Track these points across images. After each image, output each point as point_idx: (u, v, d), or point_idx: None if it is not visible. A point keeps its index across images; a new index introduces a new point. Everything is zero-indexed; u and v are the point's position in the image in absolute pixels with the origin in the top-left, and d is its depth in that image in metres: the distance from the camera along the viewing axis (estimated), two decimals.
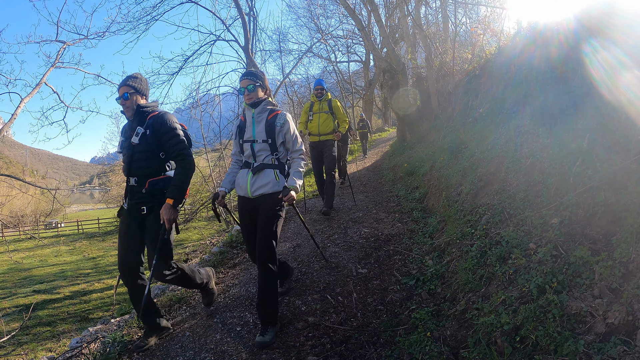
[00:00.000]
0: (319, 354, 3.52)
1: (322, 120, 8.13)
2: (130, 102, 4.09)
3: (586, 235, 3.31)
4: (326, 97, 8.23)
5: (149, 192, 4.03)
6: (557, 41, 5.71)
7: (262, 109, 4.10)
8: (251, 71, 4.15)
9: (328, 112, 8.12)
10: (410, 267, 5.11)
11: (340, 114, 8.13)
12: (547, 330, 2.53)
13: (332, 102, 8.18)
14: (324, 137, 8.17)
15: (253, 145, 4.08)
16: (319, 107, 8.19)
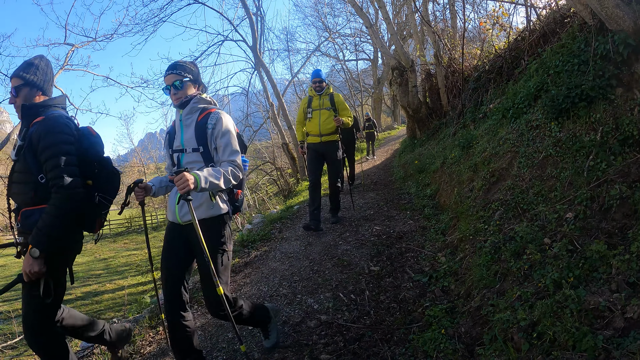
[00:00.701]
0: (332, 352, 3.51)
1: (324, 118, 7.08)
2: (19, 99, 3.12)
3: (602, 229, 3.27)
4: (327, 91, 7.27)
5: (22, 227, 3.02)
6: (569, 34, 5.66)
7: (191, 109, 3.27)
8: (177, 63, 3.34)
9: (330, 109, 7.08)
10: (423, 264, 5.08)
11: (345, 110, 7.22)
12: (564, 326, 2.49)
13: (334, 97, 7.20)
14: (327, 137, 7.08)
15: (182, 157, 3.27)
16: (319, 102, 7.19)
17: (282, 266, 5.79)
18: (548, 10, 7.72)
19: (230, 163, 3.10)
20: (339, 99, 7.27)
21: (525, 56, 7.26)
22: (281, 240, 7.35)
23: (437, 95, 13.00)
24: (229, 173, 3.01)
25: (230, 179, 3.03)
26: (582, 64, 4.85)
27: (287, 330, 4.00)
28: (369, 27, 15.06)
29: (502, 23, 9.81)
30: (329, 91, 7.36)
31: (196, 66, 3.46)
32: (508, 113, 6.10)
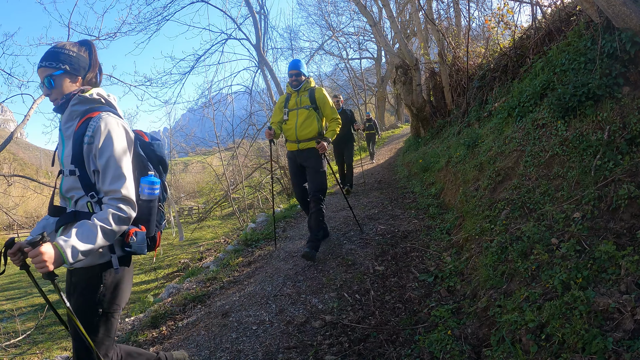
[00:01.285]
0: (337, 353, 3.48)
1: (302, 120, 5.88)
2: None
3: (610, 229, 3.24)
4: (307, 86, 5.96)
5: None
6: (575, 32, 5.63)
7: (70, 114, 2.46)
8: (49, 50, 2.48)
9: (310, 107, 5.87)
10: (428, 263, 5.05)
11: (329, 109, 5.94)
12: (574, 328, 2.46)
13: (315, 93, 5.91)
14: (305, 144, 5.92)
15: (62, 181, 2.48)
16: (297, 100, 5.95)
17: (286, 265, 5.77)
18: (553, 8, 7.68)
19: (113, 200, 2.29)
20: (320, 95, 5.91)
21: (531, 54, 7.22)
22: (285, 239, 7.33)
23: (441, 93, 12.98)
24: (109, 222, 2.24)
25: (115, 230, 2.28)
26: (589, 63, 4.82)
27: (291, 330, 3.98)
28: (372, 26, 15.03)
29: (507, 21, 9.76)
30: (309, 85, 6.00)
31: (81, 47, 2.59)
32: (514, 112, 6.06)
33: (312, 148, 5.88)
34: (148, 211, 2.57)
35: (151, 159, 2.70)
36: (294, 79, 5.97)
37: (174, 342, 4.18)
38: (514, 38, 8.54)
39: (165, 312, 5.00)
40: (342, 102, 11.14)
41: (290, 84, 6.04)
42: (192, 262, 19.54)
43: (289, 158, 6.25)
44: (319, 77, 40.72)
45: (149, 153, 2.69)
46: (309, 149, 5.92)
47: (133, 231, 2.46)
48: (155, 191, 2.58)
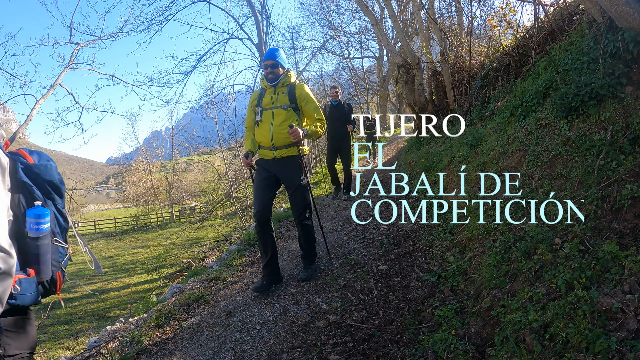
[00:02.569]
0: (341, 353, 3.49)
1: (279, 122, 4.81)
2: None
3: (613, 229, 3.25)
4: (285, 80, 4.98)
5: None
6: (577, 31, 5.63)
7: None
8: None
9: (289, 107, 4.86)
10: (431, 263, 5.06)
11: (312, 108, 4.97)
12: (577, 328, 2.47)
13: (296, 90, 4.95)
14: (283, 151, 4.87)
15: None
16: (273, 98, 4.91)
17: (290, 265, 5.78)
18: (556, 8, 7.67)
19: None
20: (302, 92, 4.96)
21: (533, 54, 7.21)
22: (288, 238, 7.34)
23: (443, 93, 12.96)
24: None
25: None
26: (592, 62, 4.82)
27: (295, 330, 3.99)
28: (374, 25, 15.03)
29: (509, 20, 9.75)
30: (289, 80, 5.02)
31: None
32: (516, 111, 6.06)
33: (293, 157, 4.90)
34: (37, 250, 2.17)
35: (39, 185, 2.28)
36: (269, 71, 4.92)
37: (177, 342, 4.19)
38: (517, 37, 8.54)
39: (169, 312, 5.01)
40: (340, 94, 10.06)
41: (265, 77, 4.98)
42: (194, 262, 19.59)
43: (259, 166, 5.07)
44: (320, 76, 40.71)
45: (35, 178, 2.26)
46: (288, 157, 4.89)
47: (17, 278, 2.05)
48: (43, 226, 2.19)
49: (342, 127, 9.62)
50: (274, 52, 5.02)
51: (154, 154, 55.28)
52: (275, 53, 5.00)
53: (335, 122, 9.53)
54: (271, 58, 4.95)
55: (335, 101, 9.77)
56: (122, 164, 63.36)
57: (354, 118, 10.03)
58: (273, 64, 4.94)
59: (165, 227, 43.27)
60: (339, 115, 9.55)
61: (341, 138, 9.70)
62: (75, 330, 14.45)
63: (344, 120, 9.64)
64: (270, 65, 4.94)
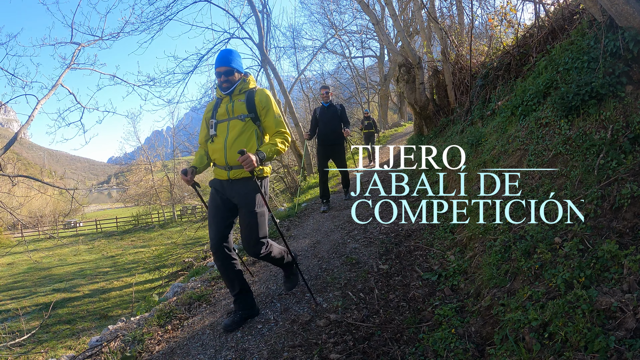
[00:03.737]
0: (342, 352, 3.50)
1: (234, 136, 4.06)
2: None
3: (613, 228, 3.25)
4: (243, 87, 4.21)
5: None
6: (578, 30, 5.63)
7: None
8: None
9: (246, 118, 4.09)
10: (432, 262, 5.07)
11: (272, 119, 4.15)
12: (576, 326, 2.48)
13: (255, 96, 4.16)
14: (239, 172, 4.06)
15: None
16: (228, 107, 4.15)
17: None
18: (556, 7, 7.67)
19: None
20: (262, 99, 4.15)
21: (534, 53, 7.21)
22: (289, 238, 7.35)
23: (444, 92, 12.96)
24: None
25: None
26: (592, 61, 4.83)
27: (296, 329, 4.00)
28: (375, 24, 15.02)
29: (510, 19, 9.75)
30: (247, 86, 4.24)
31: None
32: (517, 110, 6.07)
33: (248, 179, 4.06)
34: None
35: None
36: (223, 80, 4.13)
37: (179, 341, 4.20)
38: (517, 36, 8.53)
39: (171, 311, 5.03)
40: (331, 94, 9.18)
41: (219, 86, 4.22)
42: (196, 261, 19.62)
43: (212, 188, 4.29)
44: (322, 76, 40.68)
45: None
46: (244, 179, 4.09)
47: None
48: None
49: (334, 131, 8.71)
50: (227, 56, 4.15)
51: (156, 153, 55.26)
52: (228, 57, 4.16)
53: (326, 125, 8.75)
54: (224, 64, 4.13)
55: (325, 102, 8.92)
56: (123, 164, 63.37)
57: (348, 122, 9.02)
58: (227, 71, 4.13)
59: (166, 227, 43.31)
60: (330, 118, 8.74)
61: (333, 143, 8.80)
62: (77, 329, 14.48)
63: (336, 123, 8.75)
64: (224, 73, 4.13)
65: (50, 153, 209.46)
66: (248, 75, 4.37)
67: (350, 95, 42.76)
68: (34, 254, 28.57)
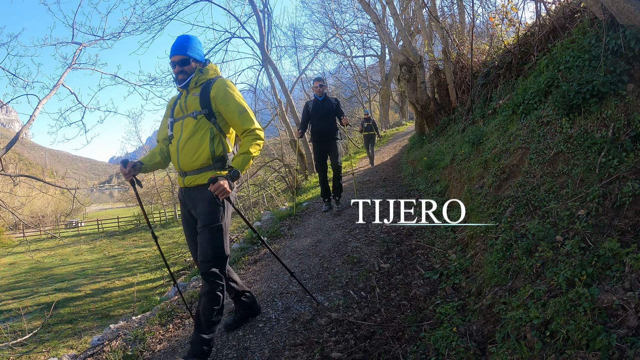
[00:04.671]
0: (343, 350, 3.50)
1: (186, 136, 3.54)
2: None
3: (614, 226, 3.25)
4: (200, 78, 3.64)
5: None
6: (579, 29, 5.63)
7: None
8: None
9: (200, 115, 3.52)
10: (433, 261, 5.07)
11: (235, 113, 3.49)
12: (578, 324, 2.48)
13: (212, 88, 3.55)
14: (193, 178, 3.56)
15: None
16: (182, 104, 3.62)
17: (292, 263, 5.79)
18: (557, 5, 7.67)
19: None
20: (220, 91, 3.53)
21: (535, 51, 7.22)
22: (291, 237, 7.35)
23: (445, 91, 12.97)
24: None
25: None
26: (593, 60, 4.83)
27: (297, 327, 4.00)
28: (376, 23, 15.03)
29: (511, 18, 9.75)
30: (205, 77, 3.66)
31: None
32: (518, 109, 6.07)
33: (204, 186, 3.44)
34: None
35: None
36: (178, 70, 3.58)
37: (180, 340, 4.21)
38: (518, 35, 8.53)
39: (172, 310, 5.03)
40: (325, 88, 8.51)
41: (175, 79, 3.69)
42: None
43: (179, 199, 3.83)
44: (323, 75, 40.63)
45: None
46: (199, 187, 3.53)
47: None
48: None
49: (330, 127, 8.11)
50: (182, 43, 3.59)
51: None
52: (184, 44, 3.59)
53: (321, 120, 8.12)
54: (178, 52, 3.56)
55: (319, 96, 8.22)
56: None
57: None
58: (182, 60, 3.57)
59: (168, 226, 43.34)
60: (326, 112, 8.10)
61: (329, 138, 8.13)
62: (78, 329, 14.48)
63: (332, 117, 8.15)
64: (179, 62, 3.57)
65: (52, 153, 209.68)
66: (207, 63, 3.77)
67: (351, 95, 42.74)
68: (35, 254, 28.57)
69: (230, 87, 3.57)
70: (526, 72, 7.16)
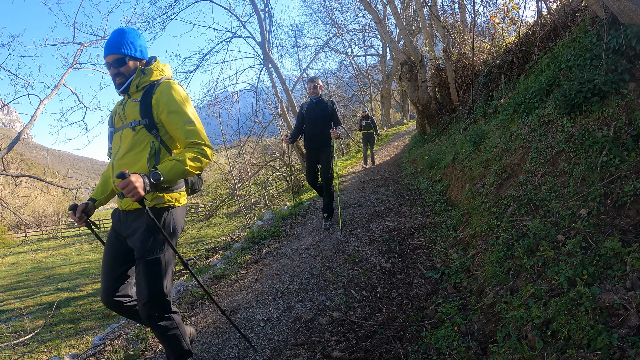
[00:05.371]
0: (345, 350, 3.50)
1: (122, 153, 2.93)
2: None
3: (616, 225, 3.24)
4: (141, 80, 3.01)
5: None
6: (580, 27, 5.62)
7: None
8: None
9: (139, 125, 2.90)
10: (435, 260, 5.07)
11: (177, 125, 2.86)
12: (579, 324, 2.47)
13: (155, 92, 2.93)
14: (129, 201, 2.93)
15: None
16: (121, 112, 3.02)
17: (293, 263, 5.79)
18: (559, 4, 7.66)
19: None
20: (162, 96, 2.90)
21: (536, 50, 7.21)
22: (292, 236, 7.35)
23: (446, 90, 12.96)
24: None
25: None
26: (594, 59, 4.82)
27: (298, 327, 4.00)
28: (377, 22, 15.01)
29: (512, 17, 9.74)
30: (147, 79, 3.02)
31: None
32: (519, 108, 6.06)
33: (141, 211, 2.88)
34: None
35: None
36: (113, 73, 3.00)
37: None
38: (519, 34, 8.52)
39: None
40: (321, 87, 7.46)
41: (113, 83, 3.07)
42: (199, 260, 19.63)
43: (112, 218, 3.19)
44: (324, 74, 40.63)
45: None
46: (137, 212, 2.93)
47: None
48: None
49: (322, 132, 7.19)
50: (116, 39, 2.96)
51: None
52: (118, 39, 2.96)
53: (314, 124, 7.28)
54: (112, 50, 2.95)
55: (314, 97, 7.41)
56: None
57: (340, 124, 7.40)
58: (117, 60, 2.96)
59: None
60: (320, 115, 7.26)
61: (321, 145, 7.28)
62: (80, 328, 14.48)
63: (326, 122, 7.24)
64: (113, 63, 2.97)
65: (53, 153, 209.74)
66: (153, 61, 3.14)
67: (352, 94, 42.71)
68: (37, 254, 28.60)
69: (176, 90, 2.93)
70: (527, 71, 7.15)
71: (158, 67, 3.09)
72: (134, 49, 3.00)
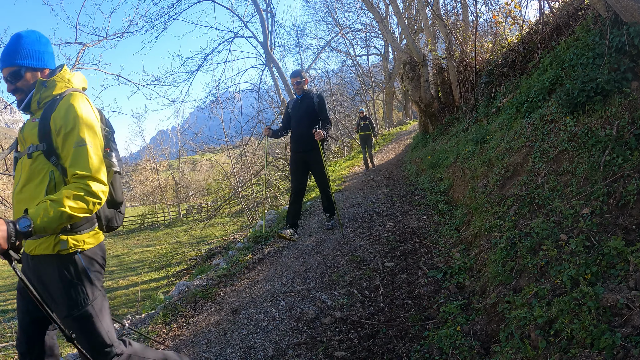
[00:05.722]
0: (347, 349, 3.50)
1: (21, 185, 2.36)
2: None
3: (619, 225, 3.24)
4: (42, 95, 2.43)
5: None
6: (582, 26, 5.61)
7: None
8: None
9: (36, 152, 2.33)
10: (437, 260, 5.06)
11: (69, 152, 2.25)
12: (582, 324, 2.47)
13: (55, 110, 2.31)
14: (34, 244, 2.33)
15: None
16: (20, 135, 2.50)
17: (296, 262, 5.79)
18: (561, 3, 7.64)
19: None
20: (60, 114, 2.30)
21: (539, 49, 7.19)
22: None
23: (449, 89, 12.95)
24: None
25: None
26: (597, 57, 4.81)
27: (301, 326, 4.00)
28: (379, 22, 15.02)
29: (515, 16, 9.73)
30: (49, 95, 2.44)
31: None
32: (522, 107, 6.05)
33: (48, 258, 2.34)
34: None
35: None
36: (10, 88, 2.47)
37: (184, 339, 4.21)
38: (522, 33, 8.51)
39: (176, 309, 5.03)
40: (306, 82, 6.77)
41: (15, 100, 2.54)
42: (201, 260, 19.65)
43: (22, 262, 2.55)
44: (326, 74, 40.62)
45: None
46: (43, 258, 2.36)
47: None
48: None
49: (308, 131, 6.38)
50: (9, 48, 2.43)
51: (161, 152, 55.43)
52: (13, 48, 2.43)
53: (300, 122, 6.58)
54: (6, 63, 2.42)
55: (299, 94, 6.71)
56: (129, 163, 63.54)
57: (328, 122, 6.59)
58: (12, 73, 2.42)
59: (172, 226, 43.42)
60: (305, 113, 6.56)
61: (309, 148, 6.52)
62: None
63: (313, 119, 6.51)
64: (9, 77, 2.44)
65: None
66: (57, 70, 2.55)
67: (355, 94, 42.68)
68: None
69: (76, 105, 2.33)
70: (530, 70, 7.13)
71: (63, 77, 2.51)
72: (32, 57, 2.45)
